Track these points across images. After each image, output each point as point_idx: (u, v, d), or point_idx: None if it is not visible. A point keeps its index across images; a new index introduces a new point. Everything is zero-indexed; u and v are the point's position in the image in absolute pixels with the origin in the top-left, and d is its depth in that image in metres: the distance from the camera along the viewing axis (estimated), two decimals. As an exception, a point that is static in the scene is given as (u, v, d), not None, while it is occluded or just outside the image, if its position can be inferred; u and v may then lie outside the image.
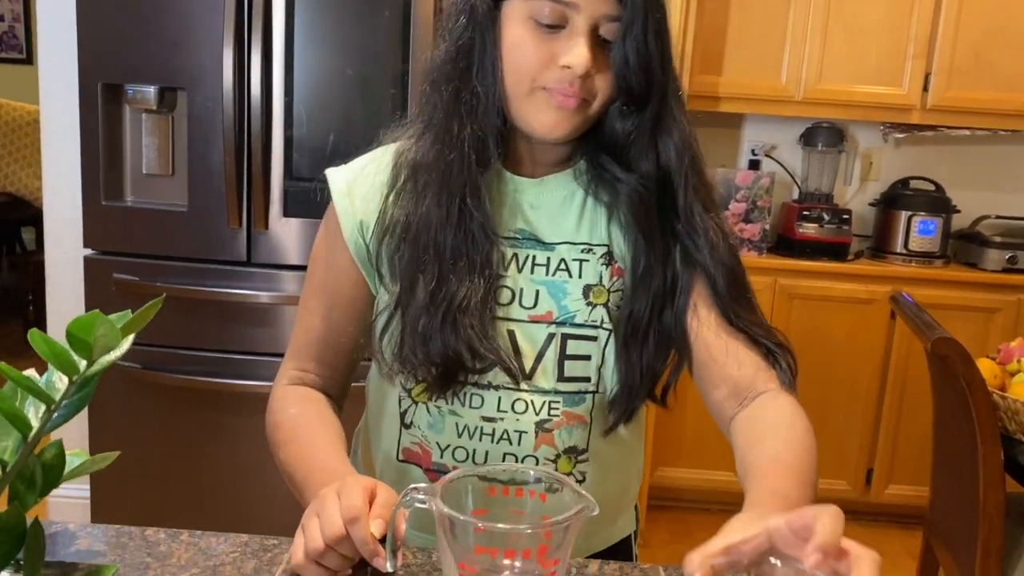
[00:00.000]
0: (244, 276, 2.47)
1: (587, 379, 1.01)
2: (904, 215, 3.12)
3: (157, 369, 2.51)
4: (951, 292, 3.00)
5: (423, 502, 0.77)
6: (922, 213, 3.11)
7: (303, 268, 2.45)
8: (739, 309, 1.00)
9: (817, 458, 0.90)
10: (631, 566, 0.89)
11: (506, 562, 0.77)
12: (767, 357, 1.00)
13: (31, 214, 4.71)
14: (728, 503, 3.20)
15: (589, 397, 1.01)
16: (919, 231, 3.11)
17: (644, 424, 1.14)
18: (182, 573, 0.82)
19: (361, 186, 1.03)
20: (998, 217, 3.18)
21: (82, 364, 0.71)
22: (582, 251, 1.02)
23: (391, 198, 1.00)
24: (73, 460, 0.78)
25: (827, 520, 0.66)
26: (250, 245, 2.46)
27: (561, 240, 1.02)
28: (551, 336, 1.00)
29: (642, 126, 0.97)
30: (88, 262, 2.46)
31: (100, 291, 2.46)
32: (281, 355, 1.09)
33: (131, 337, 0.73)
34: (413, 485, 0.78)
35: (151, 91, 2.39)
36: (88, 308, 2.50)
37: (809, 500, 0.83)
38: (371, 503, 0.82)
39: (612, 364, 1.01)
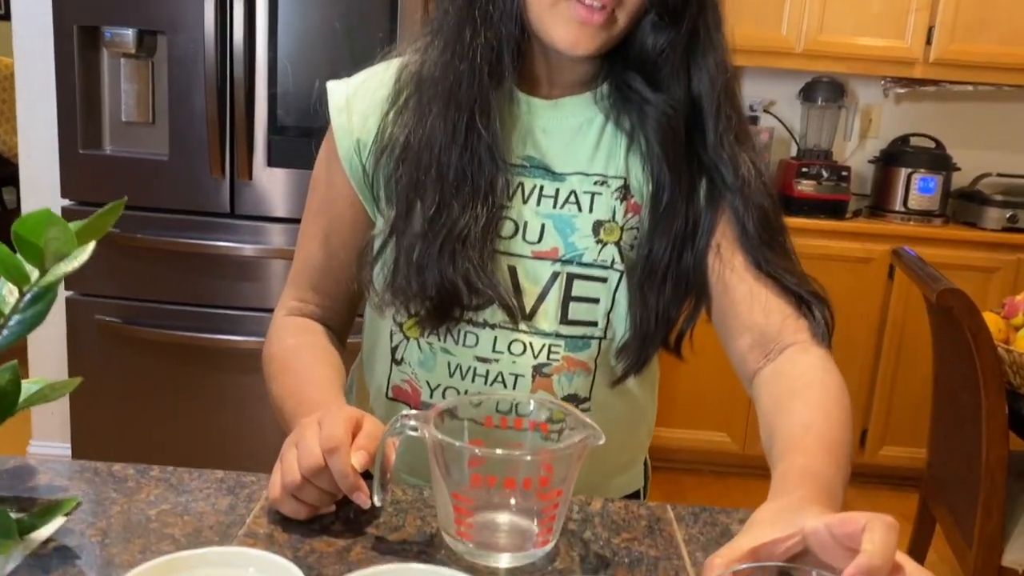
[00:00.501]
0: (228, 228, 2.40)
1: (593, 323, 0.93)
2: (904, 172, 3.06)
3: (140, 324, 2.44)
4: (950, 251, 2.95)
5: (414, 429, 0.71)
6: (922, 170, 3.05)
7: (290, 220, 2.39)
8: (769, 253, 0.91)
9: (852, 423, 0.82)
10: (637, 504, 0.83)
11: (504, 493, 0.70)
12: (799, 307, 0.90)
13: (11, 172, 4.58)
14: (721, 464, 3.14)
15: (594, 343, 0.94)
16: (919, 189, 3.05)
17: (656, 377, 1.06)
18: (150, 510, 0.75)
19: (360, 102, 0.94)
20: (999, 175, 3.12)
21: (34, 274, 0.64)
22: (595, 183, 0.93)
23: (391, 115, 0.91)
24: (30, 387, 0.71)
25: (880, 534, 0.58)
26: (233, 196, 2.38)
27: (573, 170, 0.93)
28: (555, 275, 0.92)
29: (676, 43, 0.87)
30: (66, 213, 2.38)
31: (78, 243, 2.39)
32: (268, 311, 1.02)
33: (90, 247, 0.66)
34: (404, 412, 0.72)
35: (129, 34, 2.29)
36: (66, 260, 2.42)
37: (844, 480, 0.75)
38: (356, 435, 0.76)
39: (623, 309, 0.93)
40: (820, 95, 3.12)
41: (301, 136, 2.32)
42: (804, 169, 3.02)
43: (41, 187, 2.59)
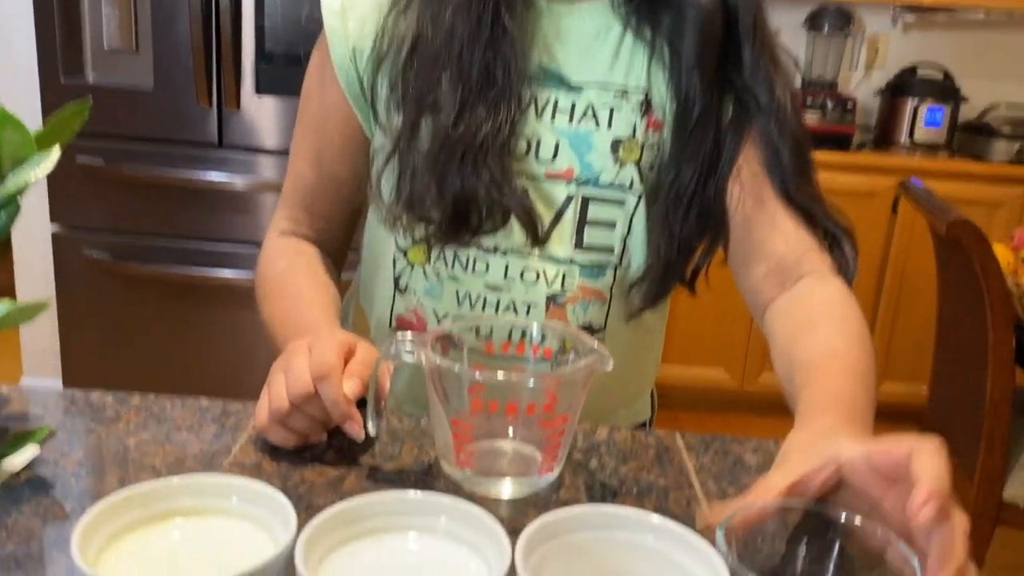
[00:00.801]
0: (216, 160, 2.33)
1: (609, 249, 0.88)
2: (910, 103, 2.98)
3: (129, 259, 2.39)
4: (955, 185, 2.89)
5: (410, 353, 0.66)
6: (929, 101, 2.97)
7: (281, 152, 2.31)
8: (799, 181, 0.85)
9: (874, 356, 0.76)
10: (644, 432, 0.79)
11: (506, 420, 0.66)
12: (823, 239, 0.86)
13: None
14: (719, 401, 3.11)
15: (610, 271, 0.88)
16: (925, 121, 2.97)
17: (668, 307, 1.00)
18: (129, 439, 0.71)
19: (358, 4, 0.87)
20: (1008, 106, 3.04)
21: (-7, 181, 0.58)
22: (614, 96, 0.86)
23: (392, 17, 0.84)
24: (-1, 309, 0.66)
25: (931, 459, 0.54)
26: (221, 126, 2.31)
27: (590, 80, 0.86)
28: (570, 198, 0.86)
29: None
30: (48, 143, 2.30)
31: (62, 176, 2.32)
32: (259, 245, 0.97)
33: (55, 153, 0.60)
34: (399, 335, 0.67)
35: (109, -45, 2.19)
36: (50, 190, 2.36)
37: (873, 408, 0.71)
38: (349, 361, 0.72)
39: (640, 235, 0.87)
40: (826, 23, 3.03)
41: (291, 63, 2.24)
42: (808, 100, 2.94)
43: (22, 118, 2.50)
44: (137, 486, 0.52)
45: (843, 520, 0.58)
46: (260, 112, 2.29)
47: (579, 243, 0.87)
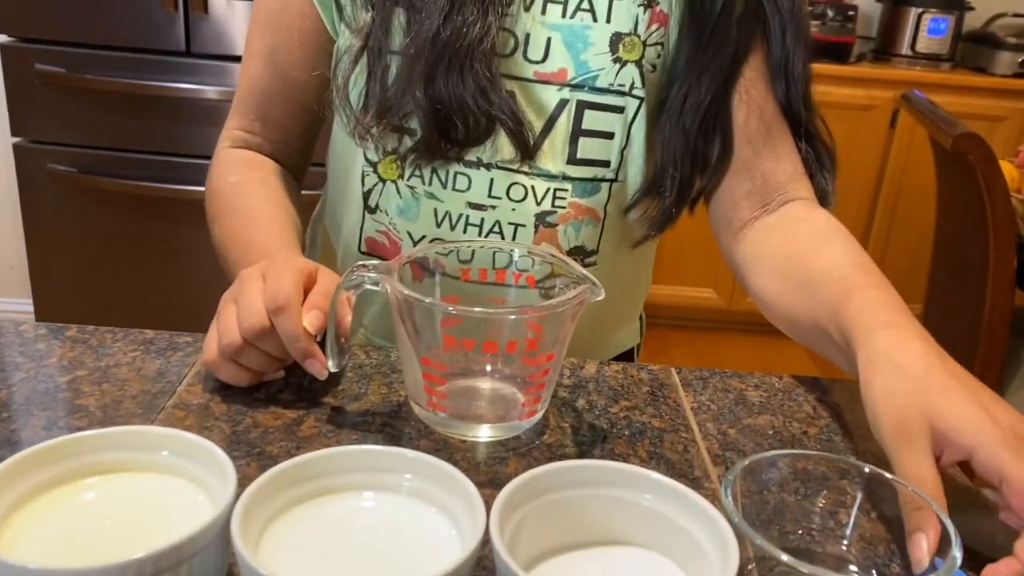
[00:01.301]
0: (184, 68, 2.20)
1: (605, 163, 0.78)
2: (914, 12, 2.85)
3: (95, 174, 2.28)
4: (956, 98, 2.78)
5: (375, 283, 0.58)
6: (933, 10, 2.84)
7: (251, 60, 2.19)
8: (802, 91, 0.78)
9: None
10: (636, 367, 0.72)
11: (484, 358, 0.59)
12: (808, 162, 0.80)
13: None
14: (706, 320, 3.05)
15: (605, 187, 0.79)
16: (928, 30, 2.85)
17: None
18: (62, 376, 0.63)
19: None
20: (1015, 15, 2.92)
21: None
22: None
23: None
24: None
25: None
26: (189, 32, 2.17)
27: None
28: (563, 103, 0.76)
29: None
30: (6, 50, 2.17)
31: (21, 83, 2.19)
32: None
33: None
34: (361, 262, 0.59)
35: None
36: (10, 101, 2.24)
37: None
38: (309, 291, 0.64)
39: (639, 146, 0.78)
40: (829, -75, 2.87)
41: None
42: (808, 7, 2.80)
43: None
44: (50, 442, 0.45)
45: (865, 473, 0.52)
46: (230, 16, 2.15)
47: (572, 156, 0.77)
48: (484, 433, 0.60)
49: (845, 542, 0.51)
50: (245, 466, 0.55)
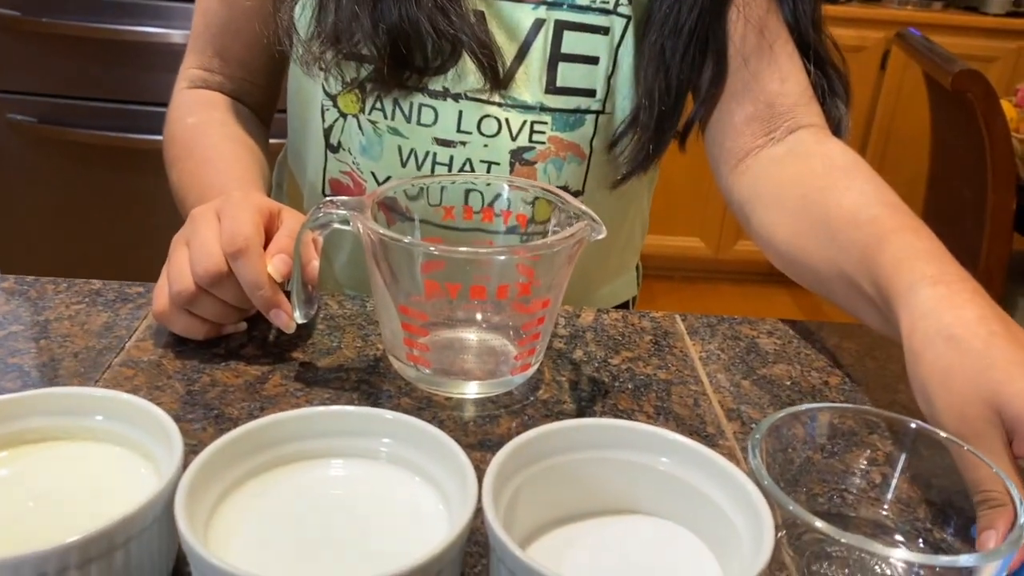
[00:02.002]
0: (149, 11, 2.08)
1: (589, 92, 0.70)
2: (906, -52, 2.77)
3: (58, 124, 2.17)
4: (947, 39, 2.70)
5: (344, 221, 0.51)
6: (926, -54, 2.75)
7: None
8: (808, 8, 0.70)
9: None
10: (637, 314, 0.65)
11: (471, 306, 0.52)
12: (817, 86, 0.72)
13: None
14: (693, 270, 3.00)
15: (590, 119, 0.71)
16: (920, -32, 2.77)
17: (658, 166, 0.84)
18: (-6, 331, 0.56)
19: None
20: (1010, -49, 2.83)
21: None
22: None
23: None
24: None
25: None
26: (151, -30, 2.06)
27: None
28: (539, 23, 0.68)
29: None
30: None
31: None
32: None
33: None
34: (328, 198, 0.52)
35: None
36: (-41, 47, 2.12)
37: None
38: (272, 233, 0.57)
39: (628, 72, 0.70)
40: None
41: None
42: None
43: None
44: (-40, 406, 0.38)
45: (903, 427, 0.46)
46: (192, -46, 2.03)
47: (551, 84, 0.69)
48: (472, 389, 0.54)
49: (884, 506, 0.46)
50: (201, 431, 0.48)
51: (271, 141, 0.83)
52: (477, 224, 0.61)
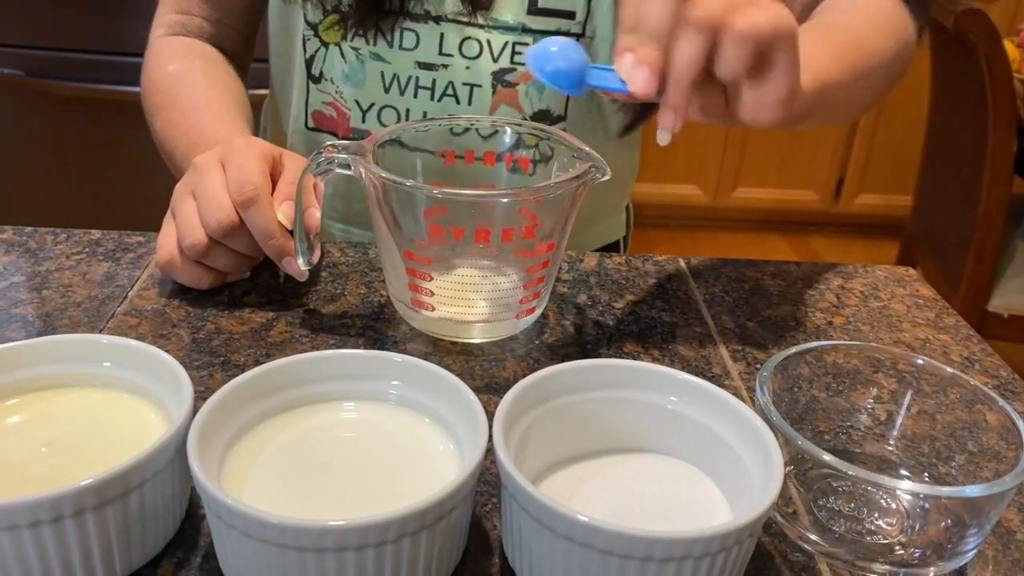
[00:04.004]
0: (134, -42, 2.04)
1: (569, 14, 0.70)
2: None
3: (45, 76, 2.14)
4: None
5: (345, 166, 0.50)
6: None
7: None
8: None
9: (894, 50, 0.62)
10: (641, 258, 0.65)
11: (476, 249, 0.52)
12: None
13: None
14: (690, 218, 2.98)
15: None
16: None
17: None
18: (-4, 282, 0.56)
19: None
20: None
21: None
22: None
23: None
24: None
25: None
26: (136, -83, 2.01)
27: None
28: None
29: None
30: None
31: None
32: None
33: None
34: (330, 143, 0.51)
35: None
36: (-56, 0, 2.08)
37: (842, 68, 0.54)
38: (276, 179, 0.56)
39: None
40: None
41: None
42: None
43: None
44: (-33, 354, 0.38)
45: (906, 362, 0.46)
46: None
47: (533, 5, 0.69)
48: (477, 334, 0.54)
49: (889, 442, 0.46)
50: (208, 378, 0.48)
51: (253, 92, 0.82)
52: (479, 167, 0.60)
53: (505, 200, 0.50)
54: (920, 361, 0.46)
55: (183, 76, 0.73)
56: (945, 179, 2.00)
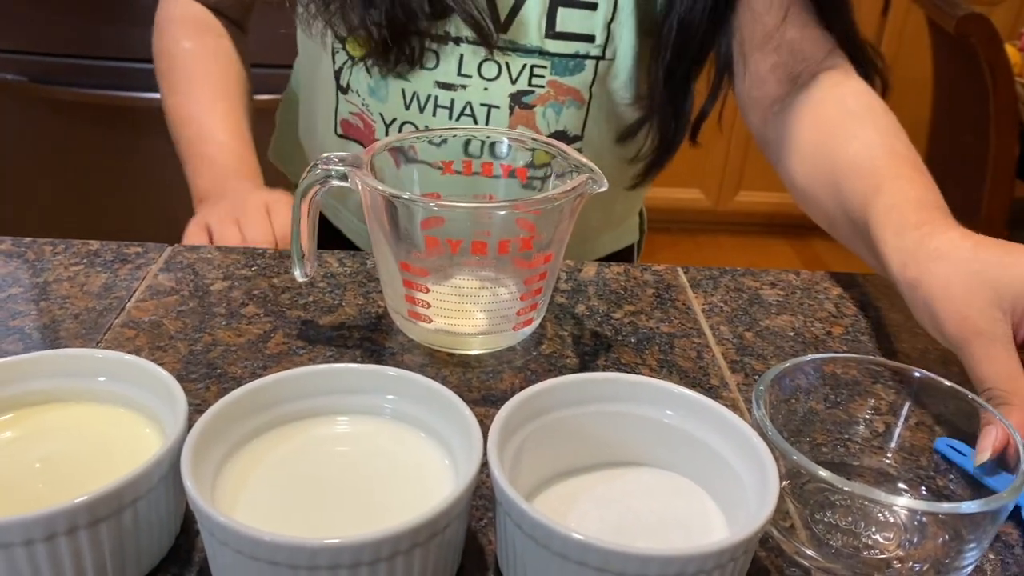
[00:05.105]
0: (136, -35, 2.05)
1: (588, 38, 0.70)
2: None
3: (50, 83, 2.15)
4: (950, -18, 2.67)
5: (342, 177, 0.50)
6: None
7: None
8: None
9: None
10: (639, 268, 0.65)
11: (473, 261, 0.52)
12: (840, 44, 0.71)
13: None
14: (693, 222, 2.99)
15: (589, 64, 0.71)
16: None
17: None
18: (-6, 294, 0.56)
19: None
20: None
21: None
22: None
23: None
24: None
25: None
26: (139, -75, 2.01)
27: None
28: None
29: None
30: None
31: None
32: None
33: None
34: (325, 154, 0.51)
35: None
36: (-53, 6, 2.08)
37: None
38: None
39: (629, 18, 0.70)
40: None
41: None
42: None
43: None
44: (-38, 369, 0.38)
45: (904, 375, 0.46)
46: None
47: (550, 29, 0.69)
48: (475, 345, 0.54)
49: (887, 455, 0.46)
50: (204, 390, 0.48)
51: (263, 97, 0.85)
52: (477, 179, 0.60)
53: (502, 212, 0.50)
54: (918, 373, 0.45)
55: (197, 58, 0.81)
56: (946, 184, 1.98)
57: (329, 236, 0.85)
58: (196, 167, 0.76)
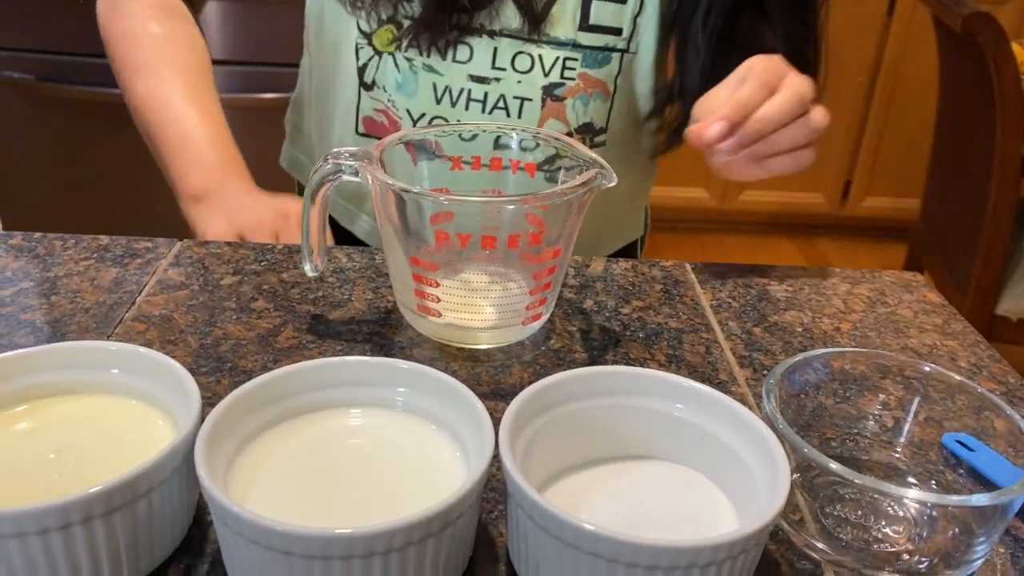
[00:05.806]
0: (142, -37, 2.05)
1: (616, 31, 0.71)
2: None
3: (59, 81, 2.15)
4: (957, -19, 2.67)
5: (352, 172, 0.51)
6: None
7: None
8: None
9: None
10: (647, 263, 0.65)
11: (482, 256, 0.52)
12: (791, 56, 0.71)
13: None
14: (697, 220, 2.98)
15: (615, 57, 0.73)
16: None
17: None
18: (6, 289, 0.56)
19: None
20: None
21: None
22: None
23: None
24: None
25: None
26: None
27: None
28: None
29: None
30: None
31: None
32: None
33: None
34: (335, 149, 0.51)
35: None
36: (-46, 4, 2.09)
37: None
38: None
39: (653, 13, 0.71)
40: None
41: None
42: None
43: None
44: (-23, 361, 0.38)
45: (913, 370, 0.46)
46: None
47: (584, 22, 0.70)
48: (484, 340, 0.54)
49: (896, 449, 0.46)
50: (215, 384, 0.48)
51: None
52: (486, 174, 0.61)
53: (511, 206, 0.50)
54: (927, 368, 0.46)
55: (166, 44, 0.76)
56: (953, 182, 1.99)
57: (344, 243, 0.85)
58: (182, 163, 0.74)
